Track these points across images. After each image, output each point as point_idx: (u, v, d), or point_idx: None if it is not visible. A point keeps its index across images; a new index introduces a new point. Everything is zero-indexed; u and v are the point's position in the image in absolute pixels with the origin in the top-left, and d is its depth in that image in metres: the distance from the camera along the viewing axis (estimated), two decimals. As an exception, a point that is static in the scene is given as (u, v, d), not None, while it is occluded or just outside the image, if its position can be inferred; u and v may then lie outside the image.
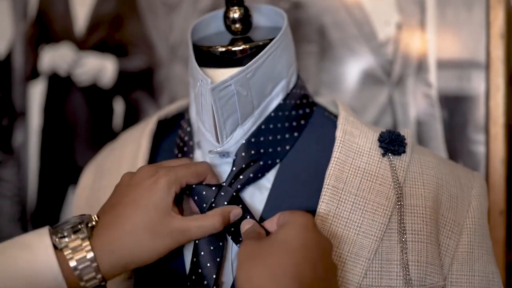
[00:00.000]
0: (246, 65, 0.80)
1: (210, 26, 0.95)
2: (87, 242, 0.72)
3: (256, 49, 0.84)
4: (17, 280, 0.70)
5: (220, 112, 0.80)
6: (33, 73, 1.63)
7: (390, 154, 0.83)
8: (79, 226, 0.74)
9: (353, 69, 1.30)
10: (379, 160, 0.83)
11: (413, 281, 0.77)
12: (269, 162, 0.84)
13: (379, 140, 0.85)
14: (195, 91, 0.85)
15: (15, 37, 1.65)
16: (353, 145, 0.84)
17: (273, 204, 0.83)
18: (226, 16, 0.89)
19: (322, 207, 0.79)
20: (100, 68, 1.55)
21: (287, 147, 0.86)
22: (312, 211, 0.80)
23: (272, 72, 0.84)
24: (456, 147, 1.23)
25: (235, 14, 0.88)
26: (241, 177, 0.83)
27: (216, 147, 0.83)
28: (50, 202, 1.63)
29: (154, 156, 0.95)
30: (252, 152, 0.83)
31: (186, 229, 0.76)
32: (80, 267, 0.71)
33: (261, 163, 0.84)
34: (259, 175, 0.84)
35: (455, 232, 0.82)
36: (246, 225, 0.78)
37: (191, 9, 1.46)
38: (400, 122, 1.27)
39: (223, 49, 0.85)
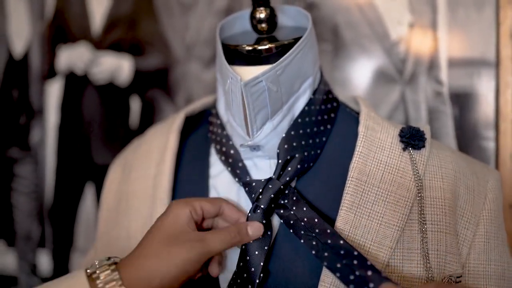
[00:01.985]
0: (276, 63, 0.83)
1: (235, 25, 0.98)
2: (116, 272, 0.75)
3: (282, 48, 0.87)
4: None
5: (252, 107, 0.83)
6: (50, 72, 1.66)
7: (410, 149, 0.86)
8: (105, 260, 0.77)
9: (366, 67, 1.33)
10: (400, 154, 0.86)
11: (433, 269, 0.81)
12: (312, 152, 0.87)
13: (400, 135, 0.88)
14: (225, 88, 0.88)
15: (32, 36, 1.68)
16: (375, 140, 0.87)
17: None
18: (252, 16, 0.92)
19: (346, 198, 0.82)
20: (116, 67, 1.57)
21: (324, 139, 0.89)
22: (337, 203, 0.83)
23: (300, 70, 0.87)
24: (467, 143, 1.26)
25: (261, 14, 0.91)
26: (289, 168, 0.85)
27: (247, 141, 0.87)
28: (67, 199, 1.65)
29: (181, 151, 0.99)
30: (294, 144, 0.86)
31: (202, 238, 0.77)
32: None
33: (305, 153, 0.87)
34: (306, 165, 0.87)
35: (472, 223, 0.85)
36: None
37: (207, 9, 1.48)
38: (412, 119, 1.30)
39: (250, 48, 0.88)
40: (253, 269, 0.81)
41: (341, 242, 0.78)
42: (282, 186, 0.84)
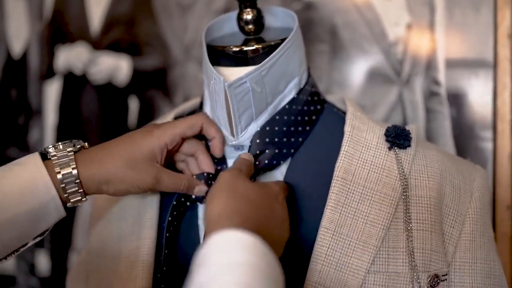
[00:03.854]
0: (261, 64, 0.83)
1: (223, 27, 0.99)
2: (72, 154, 0.80)
3: (268, 49, 0.87)
4: (9, 192, 0.76)
5: (236, 107, 0.84)
6: (48, 72, 1.66)
7: (396, 148, 0.87)
8: (66, 142, 0.83)
9: (364, 68, 1.33)
10: (385, 153, 0.86)
11: (418, 267, 0.81)
12: (284, 150, 0.87)
13: (385, 134, 0.88)
14: (209, 88, 0.88)
15: (31, 36, 1.69)
16: (361, 139, 0.87)
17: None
18: (239, 18, 0.93)
19: (332, 197, 0.82)
20: (115, 67, 1.58)
21: (300, 139, 0.89)
22: (323, 202, 0.83)
23: (285, 70, 0.87)
24: (464, 144, 1.25)
25: (248, 15, 0.92)
26: (256, 163, 0.86)
27: (231, 141, 0.87)
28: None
29: None
30: (267, 140, 0.87)
31: (157, 177, 0.84)
32: (65, 180, 0.78)
33: (276, 150, 0.87)
34: (274, 162, 0.87)
35: (458, 222, 0.85)
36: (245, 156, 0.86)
37: (205, 10, 1.48)
38: (410, 119, 1.29)
39: (237, 49, 0.88)
40: None
41: None
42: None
